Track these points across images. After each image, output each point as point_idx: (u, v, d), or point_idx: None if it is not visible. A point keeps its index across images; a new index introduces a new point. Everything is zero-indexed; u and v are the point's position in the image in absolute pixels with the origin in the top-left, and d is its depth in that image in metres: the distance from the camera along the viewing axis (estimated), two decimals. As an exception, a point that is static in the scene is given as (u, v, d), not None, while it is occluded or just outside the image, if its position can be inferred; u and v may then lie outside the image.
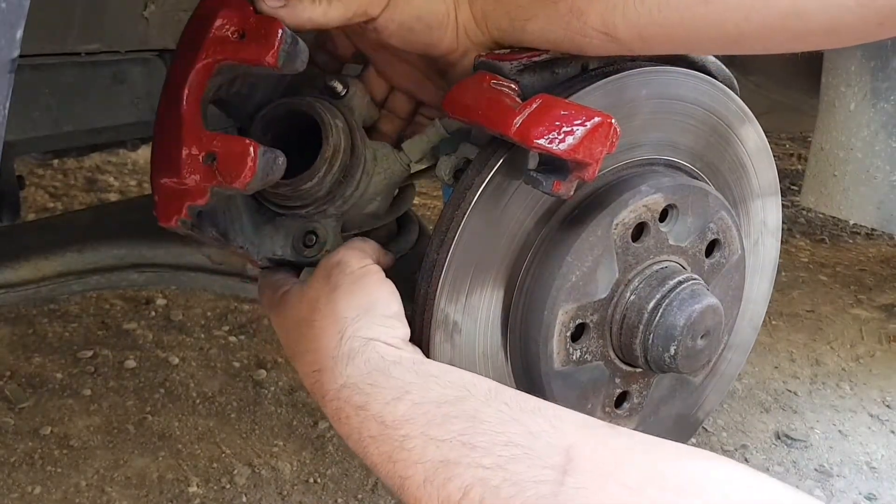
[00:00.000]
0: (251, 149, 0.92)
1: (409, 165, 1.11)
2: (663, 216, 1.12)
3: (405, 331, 0.99)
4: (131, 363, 2.45)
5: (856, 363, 2.63)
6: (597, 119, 0.94)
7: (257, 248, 1.08)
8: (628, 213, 1.07)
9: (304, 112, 1.03)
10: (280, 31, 0.92)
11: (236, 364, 2.48)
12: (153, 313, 2.73)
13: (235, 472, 2.03)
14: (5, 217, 2.16)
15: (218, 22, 0.94)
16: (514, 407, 0.87)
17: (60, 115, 1.37)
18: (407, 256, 1.18)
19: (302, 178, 1.02)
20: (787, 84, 2.09)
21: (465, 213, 1.00)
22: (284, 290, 1.06)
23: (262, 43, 0.92)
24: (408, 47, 1.03)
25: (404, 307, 1.10)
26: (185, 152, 0.94)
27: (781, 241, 1.39)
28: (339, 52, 1.12)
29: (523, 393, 0.92)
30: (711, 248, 1.18)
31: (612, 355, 1.12)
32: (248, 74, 0.99)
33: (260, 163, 0.92)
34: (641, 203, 1.08)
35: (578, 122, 0.93)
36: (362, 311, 0.97)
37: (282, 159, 0.95)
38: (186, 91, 0.94)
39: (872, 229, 3.45)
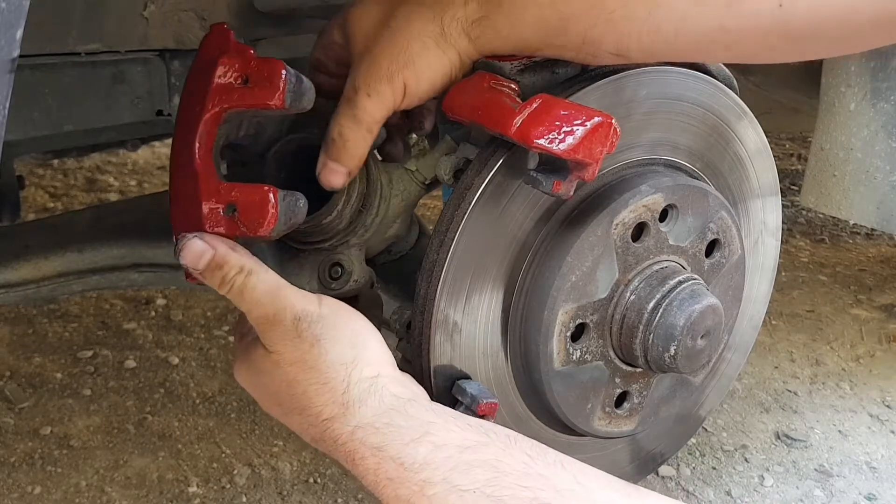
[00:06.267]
0: (271, 195, 0.91)
1: (424, 184, 1.10)
2: (663, 216, 1.12)
3: (390, 354, 0.99)
4: (131, 363, 2.45)
5: (856, 363, 2.62)
6: (597, 119, 0.94)
7: None
8: (628, 213, 1.07)
9: (314, 145, 1.02)
10: (283, 72, 0.91)
11: (236, 364, 2.48)
12: (153, 313, 2.73)
13: (235, 472, 2.02)
14: (5, 217, 2.16)
15: (219, 70, 0.92)
16: (537, 459, 0.86)
17: (60, 115, 1.37)
18: (407, 256, 1.18)
19: (321, 214, 1.01)
20: (787, 84, 2.08)
21: (465, 214, 1.00)
22: (248, 340, 1.00)
23: (267, 86, 0.91)
24: None
25: (404, 308, 1.10)
26: (205, 207, 0.91)
27: (781, 241, 1.39)
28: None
29: (538, 442, 0.91)
30: (711, 248, 1.18)
31: (612, 355, 1.12)
32: (255, 116, 0.98)
33: (281, 208, 0.91)
34: (641, 203, 1.08)
35: (578, 121, 0.93)
36: (358, 350, 0.94)
37: (302, 201, 0.94)
38: (197, 144, 0.92)
39: (872, 229, 3.44)
